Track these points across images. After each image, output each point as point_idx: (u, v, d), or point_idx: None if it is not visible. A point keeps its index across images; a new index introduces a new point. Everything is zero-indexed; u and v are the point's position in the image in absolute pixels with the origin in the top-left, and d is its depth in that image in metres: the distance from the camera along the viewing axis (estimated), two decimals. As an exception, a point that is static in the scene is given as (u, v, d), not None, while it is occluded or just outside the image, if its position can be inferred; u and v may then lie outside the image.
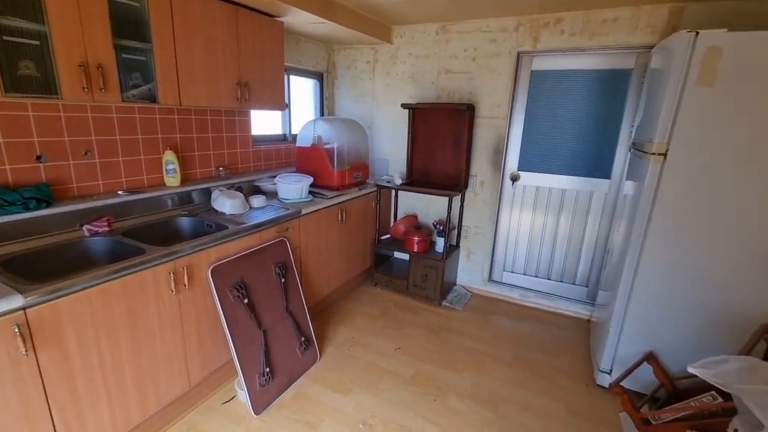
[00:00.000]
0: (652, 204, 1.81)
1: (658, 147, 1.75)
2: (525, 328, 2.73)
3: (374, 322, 2.72)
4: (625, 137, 2.56)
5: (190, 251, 1.69)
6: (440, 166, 3.07)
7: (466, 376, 2.20)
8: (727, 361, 1.30)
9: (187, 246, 1.67)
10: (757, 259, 1.67)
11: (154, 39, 1.69)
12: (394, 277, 3.13)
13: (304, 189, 2.49)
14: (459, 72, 2.90)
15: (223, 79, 2.04)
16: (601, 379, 2.10)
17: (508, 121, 2.85)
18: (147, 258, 1.52)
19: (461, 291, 3.21)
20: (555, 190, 2.85)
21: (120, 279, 1.43)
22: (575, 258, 2.90)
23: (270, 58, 2.31)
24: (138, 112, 1.99)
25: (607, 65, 2.54)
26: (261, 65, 2.26)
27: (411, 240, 2.98)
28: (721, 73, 1.58)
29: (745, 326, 1.71)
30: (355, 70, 3.34)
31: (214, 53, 1.97)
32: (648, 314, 1.91)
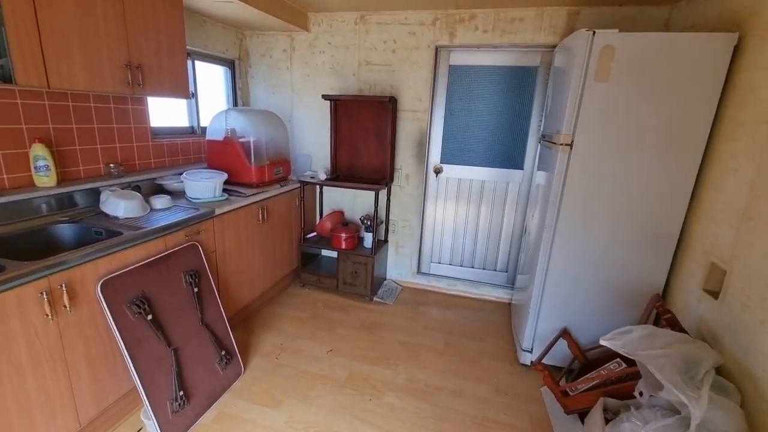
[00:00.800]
0: (562, 191, 1.94)
1: (565, 138, 1.89)
2: (453, 316, 2.81)
3: (304, 326, 2.58)
4: (535, 130, 2.75)
5: (70, 264, 1.39)
6: (365, 160, 3.02)
7: (401, 371, 2.19)
8: (631, 331, 1.43)
9: (66, 258, 1.38)
10: (643, 238, 1.89)
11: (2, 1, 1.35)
12: (323, 276, 3.01)
13: (218, 187, 2.25)
14: (380, 64, 2.86)
15: (108, 57, 1.73)
16: (523, 358, 2.23)
17: (430, 115, 2.89)
18: (7, 276, 1.21)
19: (392, 285, 3.20)
20: (475, 181, 2.97)
21: (-33, 306, 1.12)
22: (495, 245, 3.06)
23: (167, 37, 2.02)
24: (-10, 97, 1.60)
25: (517, 62, 2.69)
26: (156, 44, 1.96)
27: (338, 237, 2.89)
28: (614, 69, 1.74)
29: (640, 298, 1.93)
30: (270, 58, 3.12)
31: (93, 22, 1.64)
32: (562, 294, 2.06)
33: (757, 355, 1.31)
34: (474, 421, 1.85)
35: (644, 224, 1.88)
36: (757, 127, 1.47)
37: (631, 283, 1.96)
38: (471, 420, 1.85)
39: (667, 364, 1.27)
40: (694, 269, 1.77)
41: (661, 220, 1.86)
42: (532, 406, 1.95)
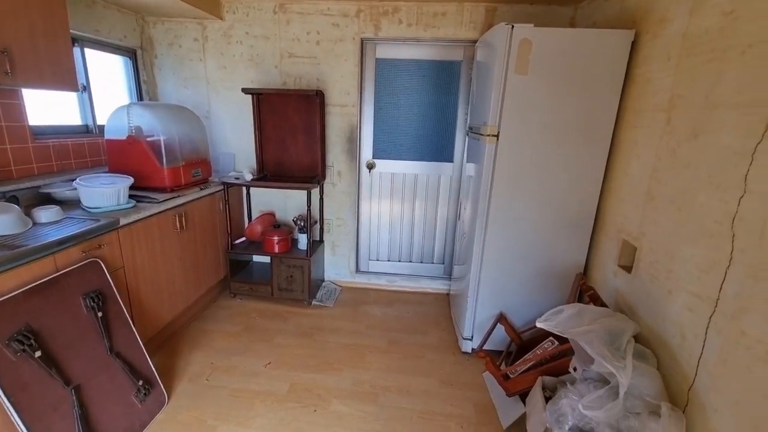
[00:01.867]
0: (491, 181, 2.00)
1: (491, 129, 1.94)
2: (395, 313, 2.79)
3: (237, 340, 2.38)
4: (462, 123, 2.82)
5: None
6: (294, 157, 2.86)
7: (346, 375, 2.10)
8: (562, 310, 1.51)
9: None
10: (565, 222, 2.02)
11: None
12: (256, 284, 2.80)
13: (122, 193, 1.96)
14: (304, 56, 2.72)
15: (-43, 40, 1.39)
16: (465, 347, 2.27)
17: (359, 109, 2.82)
18: None
19: (330, 287, 3.10)
20: (408, 175, 2.97)
21: None
22: (431, 238, 3.10)
23: (42, 17, 1.69)
24: None
25: (441, 56, 2.73)
26: (29, 25, 1.63)
27: (270, 240, 2.71)
28: (532, 62, 1.82)
29: (567, 278, 2.06)
30: (180, 48, 2.81)
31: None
32: (497, 280, 2.13)
33: (667, 321, 1.45)
34: (422, 416, 1.84)
35: (565, 209, 2.01)
36: (655, 114, 1.63)
37: (557, 265, 2.08)
38: (419, 416, 1.84)
39: (595, 338, 1.35)
40: (609, 247, 1.92)
41: (579, 204, 2.00)
42: (476, 394, 1.99)
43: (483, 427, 1.78)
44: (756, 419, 1.04)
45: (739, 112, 1.19)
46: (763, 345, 1.04)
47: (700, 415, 1.24)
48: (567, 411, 1.30)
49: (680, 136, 1.45)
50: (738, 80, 1.20)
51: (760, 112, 1.11)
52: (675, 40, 1.53)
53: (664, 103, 1.57)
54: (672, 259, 1.44)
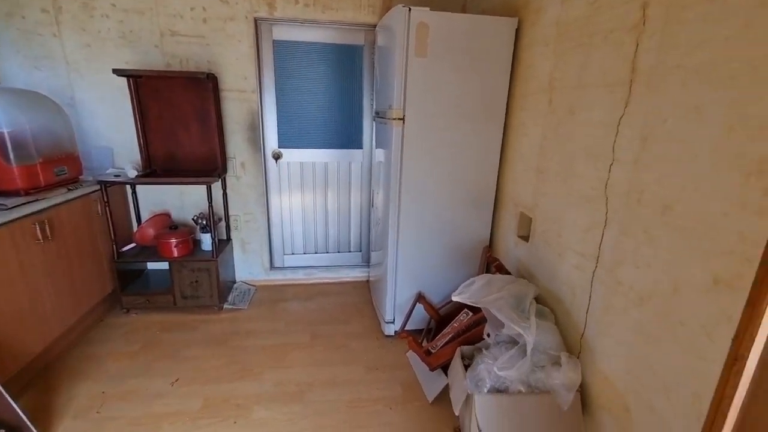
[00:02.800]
0: (401, 165, 2.02)
1: (397, 113, 1.95)
2: (315, 306, 2.71)
3: (134, 360, 2.08)
4: (369, 109, 2.81)
5: None
6: (188, 148, 2.56)
7: (267, 378, 1.98)
8: (474, 282, 1.60)
9: None
10: (471, 199, 2.14)
11: None
12: (154, 294, 2.48)
13: (-50, 201, 1.54)
14: (190, 35, 2.42)
15: None
16: (388, 330, 2.30)
17: (259, 95, 2.62)
18: None
19: (243, 287, 2.88)
20: (318, 164, 2.87)
21: None
22: (347, 227, 3.06)
23: None
24: None
25: (343, 40, 2.67)
26: None
27: (167, 243, 2.40)
28: (430, 45, 1.86)
29: (476, 252, 2.20)
30: (23, 20, 2.29)
31: None
32: (413, 261, 2.19)
33: (559, 281, 1.62)
34: (350, 405, 1.81)
35: (470, 187, 2.12)
36: (538, 96, 1.79)
37: (467, 241, 2.21)
38: (347, 405, 1.81)
39: (504, 304, 1.45)
40: (509, 220, 2.09)
41: (482, 182, 2.13)
42: (401, 373, 2.03)
43: (410, 404, 1.82)
44: (633, 354, 1.22)
45: (605, 91, 1.35)
46: (634, 291, 1.22)
47: (591, 358, 1.42)
48: (485, 375, 1.39)
49: (560, 115, 1.61)
50: (602, 62, 1.36)
51: (621, 90, 1.27)
52: (551, 27, 1.68)
53: (545, 86, 1.73)
54: (561, 226, 1.62)
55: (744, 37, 0.89)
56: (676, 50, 1.06)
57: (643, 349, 1.18)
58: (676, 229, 1.06)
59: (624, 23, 1.26)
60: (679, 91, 1.05)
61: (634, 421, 1.21)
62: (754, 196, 0.86)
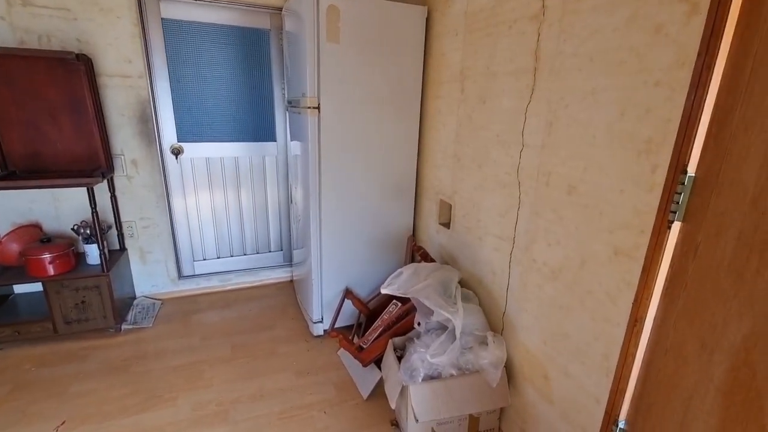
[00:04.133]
0: (319, 156, 1.92)
1: (311, 101, 1.84)
2: (234, 314, 2.49)
3: (2, 407, 1.68)
4: (280, 100, 2.63)
5: None
6: (59, 145, 2.13)
7: (182, 402, 1.75)
8: (401, 273, 1.58)
9: None
10: (391, 189, 2.13)
11: None
12: (26, 323, 2.04)
13: None
14: (49, 6, 2.00)
15: None
16: (316, 330, 2.20)
17: (149, 81, 2.28)
18: None
19: (146, 303, 2.53)
20: (227, 159, 2.62)
21: None
22: (264, 226, 2.86)
23: None
24: None
25: (245, 23, 2.44)
26: None
27: (38, 260, 1.98)
28: (342, 30, 1.78)
29: (401, 242, 2.20)
30: None
31: None
32: (338, 257, 2.11)
33: (481, 263, 1.69)
34: (282, 417, 1.69)
35: (390, 178, 2.11)
36: (451, 85, 1.82)
37: (391, 231, 2.19)
38: (278, 418, 1.68)
39: (431, 292, 1.46)
40: (430, 208, 2.13)
41: (402, 172, 2.13)
42: (333, 374, 1.95)
43: (345, 404, 1.76)
44: (550, 326, 1.31)
45: (511, 78, 1.41)
46: (547, 266, 1.30)
47: (513, 334, 1.50)
48: (418, 365, 1.38)
49: (473, 103, 1.66)
50: (508, 51, 1.42)
51: (526, 78, 1.33)
52: (459, 17, 1.71)
53: (457, 74, 1.77)
54: (479, 211, 1.67)
55: (630, 27, 0.97)
56: (572, 39, 1.14)
57: (557, 320, 1.27)
58: (580, 207, 1.14)
59: (526, 13, 1.32)
60: (576, 77, 1.13)
61: (553, 388, 1.30)
62: (645, 173, 0.95)
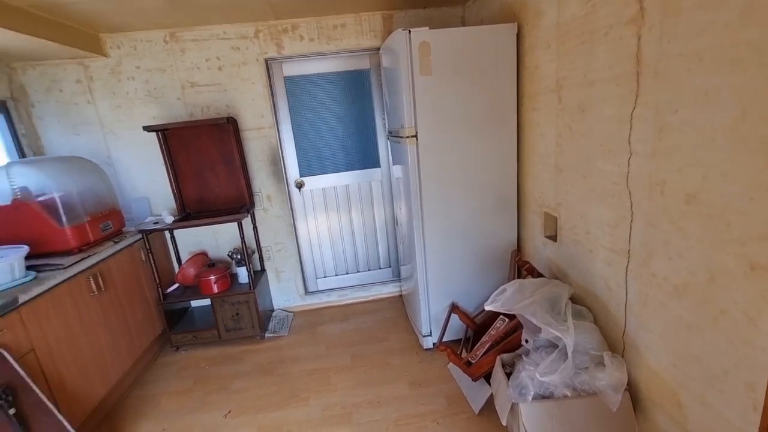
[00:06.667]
0: (419, 180, 2.06)
1: (409, 131, 2.01)
2: (352, 326, 2.75)
3: (188, 396, 2.18)
4: (381, 128, 2.88)
5: None
6: (217, 190, 2.71)
7: (314, 403, 2.03)
8: (505, 290, 1.60)
9: None
10: (492, 205, 2.15)
11: None
12: (200, 331, 2.60)
13: (16, 266, 1.70)
14: (207, 84, 2.59)
15: None
16: (426, 343, 2.31)
17: (277, 130, 2.75)
18: None
19: (281, 315, 2.97)
20: (339, 187, 2.96)
21: None
22: (374, 245, 3.12)
23: None
24: None
25: (349, 67, 2.77)
26: None
27: (207, 281, 2.53)
28: (434, 62, 1.91)
29: (504, 257, 2.19)
30: (60, 93, 2.52)
31: None
32: (443, 272, 2.20)
33: (594, 276, 1.60)
34: (398, 423, 1.83)
35: (489, 193, 2.13)
36: (548, 96, 1.79)
37: (494, 246, 2.20)
38: (395, 424, 1.83)
39: (538, 308, 1.45)
40: (534, 221, 2.08)
41: (501, 187, 2.14)
42: (445, 386, 2.03)
43: (457, 417, 1.82)
44: (678, 348, 1.19)
45: (612, 85, 1.35)
46: (668, 282, 1.19)
47: (636, 354, 1.38)
48: (527, 382, 1.38)
49: (572, 113, 1.62)
50: (606, 58, 1.37)
51: (629, 83, 1.27)
52: (551, 29, 1.70)
53: (552, 85, 1.74)
54: (587, 222, 1.60)
55: (744, 20, 0.88)
56: (677, 39, 1.06)
57: (687, 341, 1.15)
58: (702, 218, 1.04)
59: (622, 18, 1.27)
60: (685, 78, 1.05)
61: (688, 417, 1.17)
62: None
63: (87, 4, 1.92)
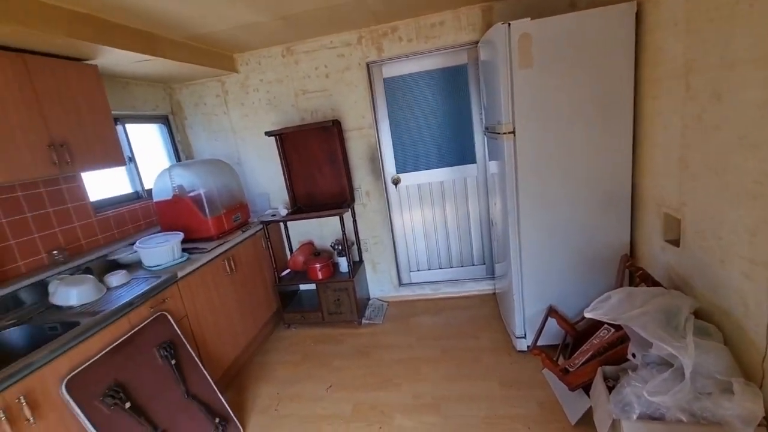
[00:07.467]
0: (516, 176, 2.00)
1: (506, 127, 1.95)
2: (443, 320, 2.80)
3: (297, 368, 2.49)
4: (478, 124, 2.83)
5: (24, 373, 1.27)
6: (323, 186, 2.99)
7: (405, 389, 2.14)
8: (610, 297, 1.48)
9: (16, 368, 1.25)
10: (599, 202, 1.97)
11: None
12: (307, 312, 2.93)
13: (175, 248, 2.14)
14: (316, 90, 2.86)
15: (25, 143, 1.62)
16: (520, 345, 2.25)
17: (376, 129, 2.91)
18: (-47, 406, 1.09)
19: (377, 303, 3.16)
20: (434, 183, 3.01)
21: None
22: (468, 241, 3.10)
23: (89, 109, 1.93)
24: None
25: (446, 64, 2.78)
26: (78, 119, 1.86)
27: (313, 268, 2.83)
28: (535, 54, 1.83)
29: (612, 260, 2.00)
30: (204, 106, 3.05)
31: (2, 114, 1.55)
32: (539, 273, 2.11)
33: (727, 290, 1.38)
34: (486, 421, 1.83)
35: (597, 190, 1.96)
36: (673, 81, 1.58)
37: (600, 248, 2.03)
38: (483, 422, 1.84)
39: (649, 321, 1.31)
40: (652, 222, 1.85)
41: (612, 182, 1.94)
42: (538, 391, 1.96)
43: (550, 426, 1.75)
44: (840, 384, 0.98)
45: (757, 67, 1.14)
46: (831, 304, 0.98)
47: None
48: (632, 399, 1.27)
49: (703, 100, 1.40)
50: (750, 36, 1.16)
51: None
52: (678, 4, 1.49)
53: (679, 69, 1.52)
54: (719, 226, 1.38)
55: None
56: None
57: None
58: None
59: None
60: None
61: None
62: None
63: (227, 32, 2.30)
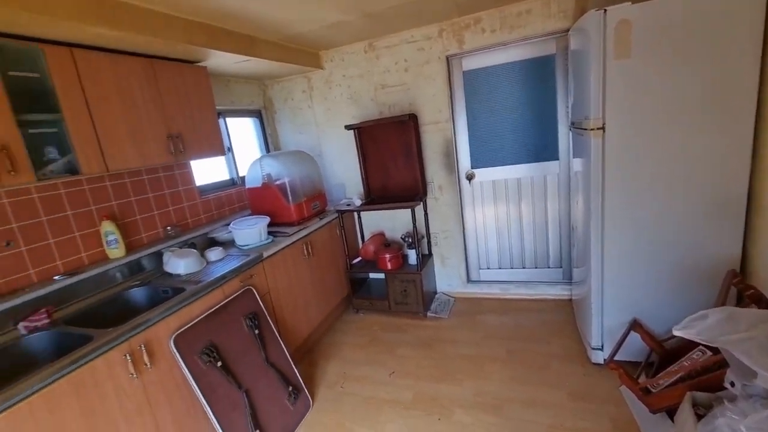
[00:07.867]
0: (603, 176, 1.85)
1: (595, 122, 1.81)
2: (512, 321, 2.71)
3: (363, 351, 2.62)
4: (564, 118, 2.66)
5: (146, 326, 1.54)
6: (396, 179, 3.06)
7: (467, 385, 2.14)
8: (707, 316, 1.32)
9: (140, 321, 1.52)
10: (705, 210, 1.74)
11: (64, 108, 1.57)
12: (375, 299, 3.04)
13: (262, 231, 2.38)
14: (395, 85, 2.92)
15: (152, 135, 1.93)
16: (595, 357, 2.10)
17: (452, 123, 2.89)
18: (96, 345, 1.37)
19: (443, 298, 3.17)
20: (510, 180, 2.90)
21: (66, 377, 1.27)
22: (544, 242, 2.94)
23: (198, 105, 2.22)
24: (63, 187, 1.83)
25: (531, 54, 2.64)
26: (190, 114, 2.16)
27: (383, 258, 2.92)
28: (634, 43, 1.66)
29: (714, 274, 1.75)
30: (292, 101, 3.29)
31: (135, 111, 1.86)
32: (623, 282, 1.94)
33: None
34: (551, 430, 1.76)
35: (701, 195, 1.73)
36: (812, 71, 1.33)
37: (700, 261, 1.79)
38: (547, 430, 1.77)
39: (754, 347, 1.15)
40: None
41: (721, 187, 1.70)
42: (612, 408, 1.82)
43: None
44: None
45: None
46: None
47: None
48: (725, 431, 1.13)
49: None
50: None
51: None
52: (827, -23, 1.24)
53: (822, 56, 1.28)
54: None
55: None
56: None
57: None
58: None
59: None
60: None
61: None
62: None
63: (315, 31, 2.46)
